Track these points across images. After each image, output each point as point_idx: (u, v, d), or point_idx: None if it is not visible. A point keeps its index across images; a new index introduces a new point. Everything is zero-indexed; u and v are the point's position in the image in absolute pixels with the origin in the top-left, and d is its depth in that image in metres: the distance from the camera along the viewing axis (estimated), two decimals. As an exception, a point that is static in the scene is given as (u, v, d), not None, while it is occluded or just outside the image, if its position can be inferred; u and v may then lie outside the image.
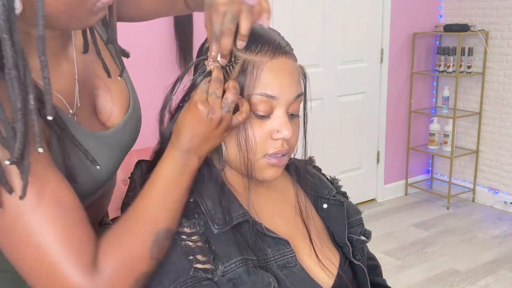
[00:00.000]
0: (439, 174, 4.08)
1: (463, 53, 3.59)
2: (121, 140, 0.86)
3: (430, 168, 4.13)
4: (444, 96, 3.76)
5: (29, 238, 0.65)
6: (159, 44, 2.68)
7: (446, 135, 3.75)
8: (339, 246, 0.92)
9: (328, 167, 1.41)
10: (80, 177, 0.76)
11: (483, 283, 2.71)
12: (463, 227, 3.41)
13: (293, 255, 0.80)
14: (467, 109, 3.79)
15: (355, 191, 3.59)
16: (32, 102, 0.61)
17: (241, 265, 0.73)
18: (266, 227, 0.80)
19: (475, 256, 3.01)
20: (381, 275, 1.05)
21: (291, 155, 0.86)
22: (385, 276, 1.06)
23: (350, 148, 3.65)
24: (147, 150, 0.89)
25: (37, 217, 0.65)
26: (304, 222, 0.88)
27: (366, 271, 0.91)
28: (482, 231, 3.35)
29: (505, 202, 3.65)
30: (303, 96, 0.83)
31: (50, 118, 0.63)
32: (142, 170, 0.84)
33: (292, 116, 0.80)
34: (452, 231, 3.35)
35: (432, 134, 3.85)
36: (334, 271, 0.85)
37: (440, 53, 3.70)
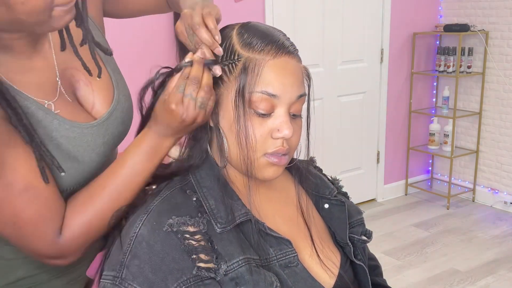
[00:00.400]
0: (439, 174, 4.08)
1: (463, 53, 3.59)
2: (106, 132, 0.89)
3: (430, 168, 4.13)
4: (444, 96, 3.76)
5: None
6: (159, 42, 2.69)
7: (446, 135, 3.75)
8: (340, 246, 0.92)
9: (328, 167, 1.42)
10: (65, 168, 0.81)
11: (483, 283, 2.71)
12: (463, 227, 3.41)
13: (295, 255, 0.80)
14: (467, 109, 3.80)
15: (355, 191, 3.59)
16: None
17: (244, 265, 0.73)
18: (269, 227, 0.80)
19: (475, 256, 3.01)
20: (382, 275, 1.05)
21: (294, 156, 0.86)
22: (385, 276, 1.06)
23: (350, 148, 3.65)
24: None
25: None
26: (306, 222, 0.88)
27: (368, 271, 0.91)
28: (482, 231, 3.35)
29: (505, 202, 3.65)
30: (307, 98, 0.83)
31: None
32: None
33: (294, 117, 0.80)
34: (452, 231, 3.35)
35: (432, 134, 3.85)
36: (336, 271, 0.86)
37: (440, 53, 3.70)
